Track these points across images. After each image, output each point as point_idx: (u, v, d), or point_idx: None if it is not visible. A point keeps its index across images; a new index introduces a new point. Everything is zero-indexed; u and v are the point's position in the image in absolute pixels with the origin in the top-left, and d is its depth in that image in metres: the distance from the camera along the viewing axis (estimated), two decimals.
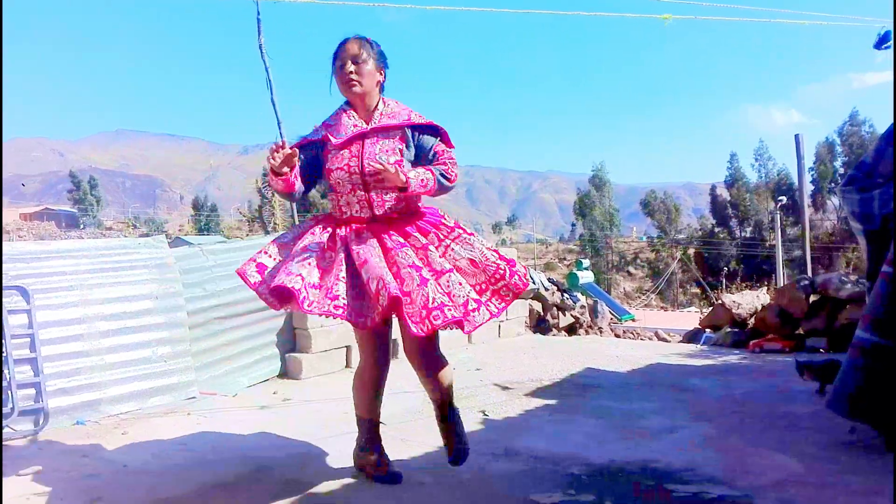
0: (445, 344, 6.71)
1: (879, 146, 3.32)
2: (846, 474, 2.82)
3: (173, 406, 4.05)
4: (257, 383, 4.72)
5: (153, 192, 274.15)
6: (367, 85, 2.68)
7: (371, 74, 2.68)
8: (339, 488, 2.73)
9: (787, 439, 3.34)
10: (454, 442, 2.76)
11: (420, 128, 2.76)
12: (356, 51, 2.66)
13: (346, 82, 2.66)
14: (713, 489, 2.67)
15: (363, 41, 2.69)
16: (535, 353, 6.12)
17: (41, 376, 3.62)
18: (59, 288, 3.93)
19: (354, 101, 2.73)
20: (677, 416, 3.85)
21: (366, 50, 2.67)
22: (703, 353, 6.42)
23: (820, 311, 6.61)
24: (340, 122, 2.72)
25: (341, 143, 2.68)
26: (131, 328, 4.11)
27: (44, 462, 3.02)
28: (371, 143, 2.69)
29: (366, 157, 2.64)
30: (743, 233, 43.64)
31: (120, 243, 4.57)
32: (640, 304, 36.14)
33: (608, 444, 3.33)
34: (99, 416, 3.80)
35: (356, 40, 2.68)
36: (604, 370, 5.36)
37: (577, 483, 2.75)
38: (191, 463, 3.02)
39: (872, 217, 3.24)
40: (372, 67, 2.68)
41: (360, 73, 2.65)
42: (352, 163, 2.67)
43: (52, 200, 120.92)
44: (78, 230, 46.71)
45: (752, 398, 4.32)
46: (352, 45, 2.67)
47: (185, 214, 78.59)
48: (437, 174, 2.65)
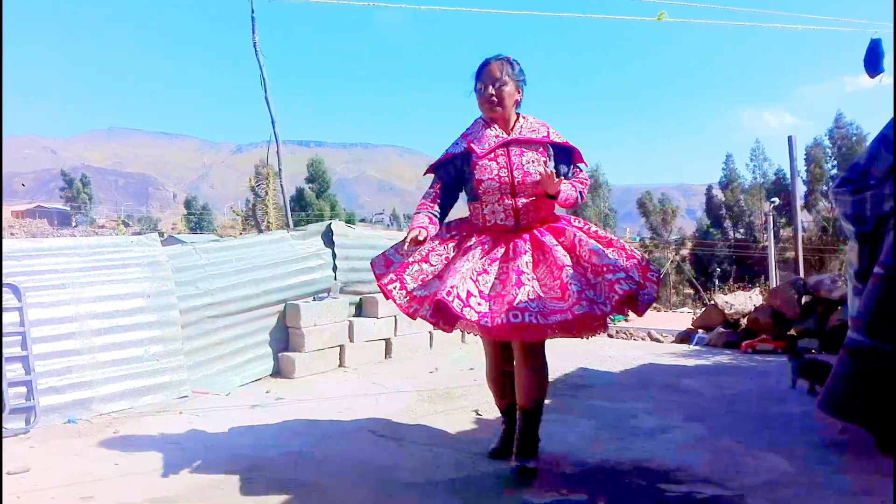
0: (440, 344, 6.72)
1: (873, 148, 3.33)
2: (837, 474, 2.83)
3: (165, 405, 4.04)
4: (250, 382, 4.71)
5: (146, 191, 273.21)
6: (507, 106, 2.86)
7: (510, 95, 2.87)
8: (331, 487, 2.72)
9: (778, 439, 3.36)
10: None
11: (557, 146, 2.93)
12: (497, 74, 2.84)
13: (488, 103, 2.85)
14: (705, 489, 2.68)
15: (504, 62, 2.86)
16: None
17: (32, 374, 3.60)
18: (50, 286, 3.91)
19: (495, 119, 2.89)
20: (670, 417, 3.86)
21: (506, 72, 2.85)
22: (696, 354, 6.44)
23: (812, 312, 6.64)
24: (483, 134, 2.88)
25: (486, 152, 2.83)
26: (123, 326, 4.09)
27: (35, 461, 3.01)
28: (517, 154, 2.85)
29: (514, 168, 2.81)
30: (737, 234, 43.79)
31: (112, 241, 4.55)
32: None
33: (601, 443, 3.33)
34: (91, 414, 3.78)
35: (497, 62, 2.85)
36: (597, 370, 5.37)
37: (570, 483, 2.75)
38: (183, 462, 3.01)
39: (865, 219, 3.25)
40: (511, 89, 2.86)
41: (500, 95, 2.84)
42: (502, 173, 2.82)
43: (44, 198, 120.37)
44: (70, 228, 46.54)
45: (744, 398, 4.34)
46: (494, 67, 2.85)
47: (178, 213, 78.36)
48: (577, 191, 2.89)
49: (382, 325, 5.68)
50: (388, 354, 5.75)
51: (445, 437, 3.44)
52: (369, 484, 2.75)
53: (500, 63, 2.84)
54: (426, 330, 6.16)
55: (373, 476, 2.85)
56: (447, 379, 4.92)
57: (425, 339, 6.16)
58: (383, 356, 5.69)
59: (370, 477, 2.83)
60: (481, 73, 2.86)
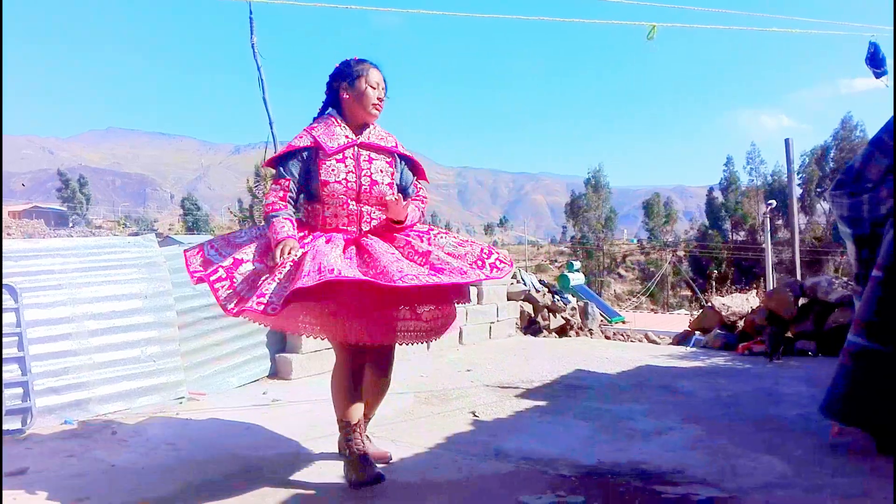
0: (437, 345, 6.72)
1: (867, 150, 3.34)
2: (834, 477, 2.83)
3: (162, 406, 4.03)
4: (247, 383, 4.70)
5: (143, 191, 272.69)
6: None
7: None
8: (328, 488, 2.72)
9: (775, 441, 3.36)
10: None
11: (404, 157, 2.94)
12: (383, 83, 2.85)
13: (373, 107, 2.82)
14: (701, 491, 2.68)
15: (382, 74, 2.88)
16: (525, 355, 6.13)
17: (29, 375, 3.59)
18: (47, 286, 3.90)
19: (365, 121, 2.85)
20: (666, 418, 3.86)
21: (385, 83, 2.87)
22: (693, 356, 6.44)
23: (809, 314, 6.65)
24: (333, 132, 2.80)
25: (334, 151, 2.75)
26: (120, 327, 4.08)
27: (31, 461, 3.00)
28: (366, 160, 2.80)
29: (362, 173, 2.76)
30: (735, 236, 43.91)
31: (109, 242, 4.55)
32: (631, 306, 36.27)
33: (597, 445, 3.33)
34: (87, 415, 3.77)
35: (380, 72, 2.86)
36: (594, 372, 5.38)
37: (567, 484, 2.76)
38: (179, 463, 3.01)
39: (861, 221, 3.26)
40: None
41: (382, 103, 2.85)
42: (350, 177, 2.76)
43: (41, 198, 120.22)
44: (67, 228, 46.45)
45: (741, 400, 4.35)
46: (380, 74, 2.85)
47: (175, 213, 78.31)
48: (420, 212, 2.93)
49: None
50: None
51: (442, 439, 3.44)
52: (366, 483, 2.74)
53: (382, 73, 2.86)
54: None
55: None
56: (443, 380, 4.93)
57: None
58: None
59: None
60: (370, 74, 2.82)
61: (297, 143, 2.76)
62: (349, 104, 2.83)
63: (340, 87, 2.83)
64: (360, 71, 2.82)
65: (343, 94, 2.83)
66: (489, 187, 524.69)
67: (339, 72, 2.85)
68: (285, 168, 2.77)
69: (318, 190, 2.74)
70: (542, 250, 65.70)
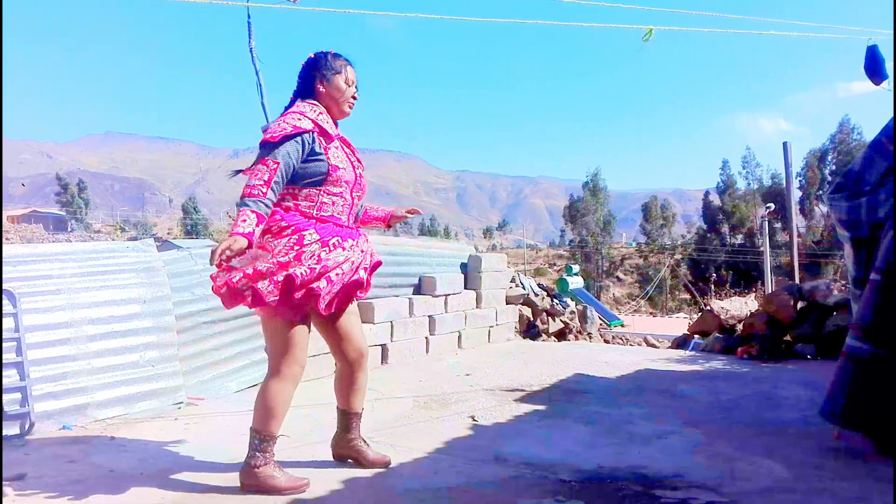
0: (436, 349, 6.71)
1: (867, 154, 3.35)
2: (834, 480, 2.83)
3: (161, 411, 4.02)
4: (245, 388, 4.69)
5: (142, 195, 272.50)
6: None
7: None
8: (326, 492, 2.71)
9: (774, 445, 3.36)
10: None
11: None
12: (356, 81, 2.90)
13: (349, 105, 2.87)
14: (701, 495, 2.68)
15: None
16: (524, 359, 6.13)
17: (27, 380, 3.58)
18: (45, 291, 3.89)
19: (337, 117, 2.87)
20: (666, 422, 3.86)
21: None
22: (692, 359, 6.44)
23: (808, 318, 6.65)
24: (325, 119, 2.80)
25: (335, 137, 2.80)
26: (119, 332, 4.07)
27: (30, 467, 2.99)
28: (352, 153, 2.89)
29: (355, 165, 2.85)
30: (733, 239, 43.96)
31: (108, 247, 4.54)
32: (630, 309, 36.29)
33: (597, 449, 3.33)
34: (86, 420, 3.76)
35: (355, 70, 2.90)
36: (593, 376, 5.37)
37: (566, 489, 2.75)
38: (178, 468, 3.00)
39: (860, 224, 3.27)
40: None
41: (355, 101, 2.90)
42: (349, 166, 2.81)
43: (39, 203, 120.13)
44: (66, 233, 46.40)
45: (740, 404, 4.35)
46: (355, 73, 2.89)
47: (174, 217, 78.25)
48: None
49: (378, 330, 5.67)
50: (385, 360, 5.74)
51: (441, 443, 3.43)
52: (365, 490, 2.74)
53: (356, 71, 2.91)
54: (422, 335, 6.16)
55: (369, 482, 2.84)
56: (442, 385, 4.92)
57: (421, 345, 6.16)
58: (379, 362, 5.68)
59: (366, 483, 2.83)
60: (347, 71, 2.84)
61: (300, 125, 2.63)
62: (324, 98, 2.81)
63: (317, 80, 2.80)
64: (339, 67, 2.82)
65: (319, 86, 2.80)
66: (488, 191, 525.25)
67: (317, 64, 2.81)
68: (280, 150, 2.58)
69: (325, 174, 2.68)
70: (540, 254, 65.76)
